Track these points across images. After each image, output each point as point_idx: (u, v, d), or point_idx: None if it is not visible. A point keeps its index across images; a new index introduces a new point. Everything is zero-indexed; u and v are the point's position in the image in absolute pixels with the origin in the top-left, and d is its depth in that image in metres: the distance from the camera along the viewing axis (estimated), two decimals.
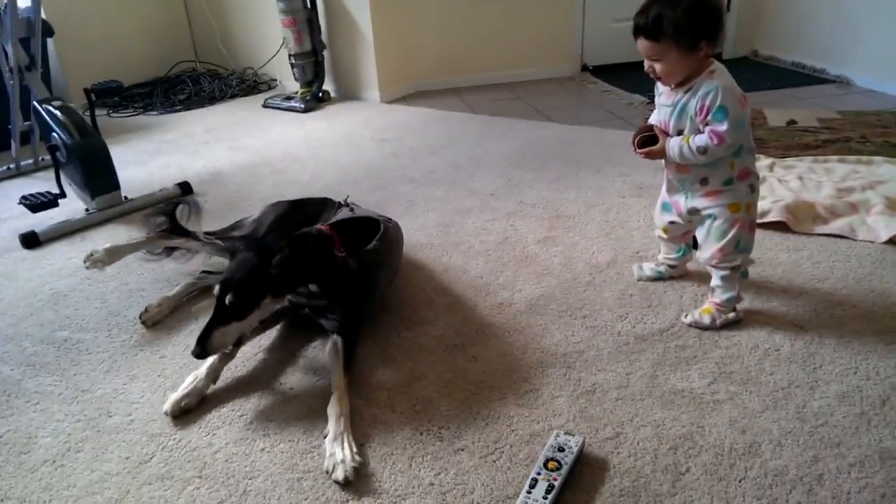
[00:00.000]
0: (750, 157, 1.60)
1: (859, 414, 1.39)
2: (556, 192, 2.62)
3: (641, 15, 1.48)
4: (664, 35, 1.45)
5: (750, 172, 1.60)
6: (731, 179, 1.58)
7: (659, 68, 1.51)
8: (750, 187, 1.60)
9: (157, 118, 4.09)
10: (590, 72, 4.64)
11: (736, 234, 1.61)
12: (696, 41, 1.44)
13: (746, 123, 1.51)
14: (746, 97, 1.51)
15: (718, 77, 1.49)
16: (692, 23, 1.43)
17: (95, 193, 2.56)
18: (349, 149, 3.31)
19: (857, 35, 3.94)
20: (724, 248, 1.62)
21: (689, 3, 1.43)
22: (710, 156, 1.52)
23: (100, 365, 1.70)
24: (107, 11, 4.44)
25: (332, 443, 1.35)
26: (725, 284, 1.68)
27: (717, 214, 1.62)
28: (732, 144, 1.50)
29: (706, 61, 1.51)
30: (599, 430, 1.39)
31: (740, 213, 1.60)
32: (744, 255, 1.64)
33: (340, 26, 4.12)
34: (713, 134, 1.49)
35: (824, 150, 2.86)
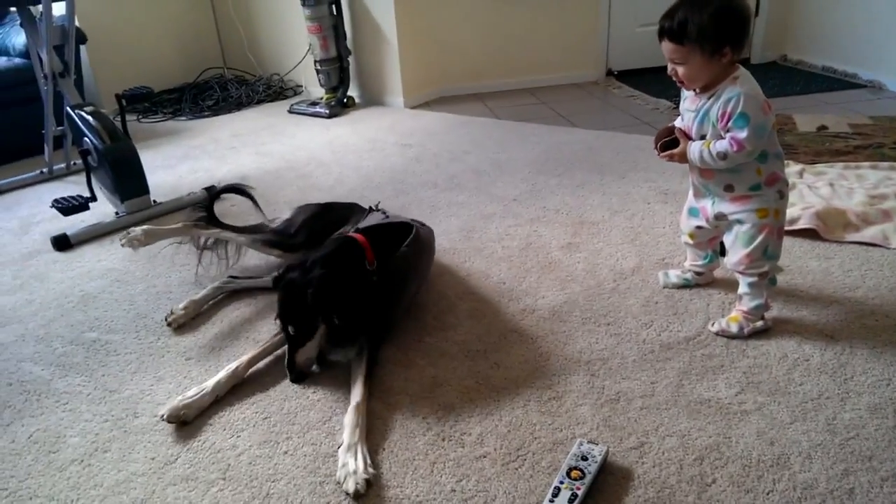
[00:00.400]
0: (778, 163, 1.57)
1: (892, 427, 1.36)
2: (579, 197, 2.61)
3: (667, 17, 1.47)
4: (688, 39, 1.44)
5: (779, 178, 1.57)
6: (758, 185, 1.56)
7: (682, 72, 1.50)
8: (779, 193, 1.58)
9: (186, 123, 4.16)
10: (615, 77, 4.61)
11: (764, 239, 1.58)
12: (720, 46, 1.43)
13: (768, 130, 1.49)
14: (770, 104, 1.49)
15: (741, 84, 1.47)
16: (717, 28, 1.42)
17: (125, 197, 2.61)
18: (373, 154, 3.33)
19: (890, 38, 3.86)
20: (752, 253, 1.60)
21: (716, 7, 1.42)
22: (731, 162, 1.51)
23: (127, 366, 1.73)
24: (137, 19, 4.53)
25: (346, 453, 1.34)
26: (753, 292, 1.65)
27: (745, 219, 1.60)
28: (752, 151, 1.49)
29: (731, 67, 1.49)
30: (624, 439, 1.37)
31: (768, 219, 1.57)
32: (772, 261, 1.62)
33: (365, 33, 4.15)
34: (733, 140, 1.47)
35: (856, 157, 2.80)
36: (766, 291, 1.65)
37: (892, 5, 3.80)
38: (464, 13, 4.30)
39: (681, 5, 1.46)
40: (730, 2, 1.44)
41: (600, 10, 4.45)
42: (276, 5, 4.58)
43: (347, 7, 4.11)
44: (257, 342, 1.78)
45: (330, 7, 3.97)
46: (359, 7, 4.11)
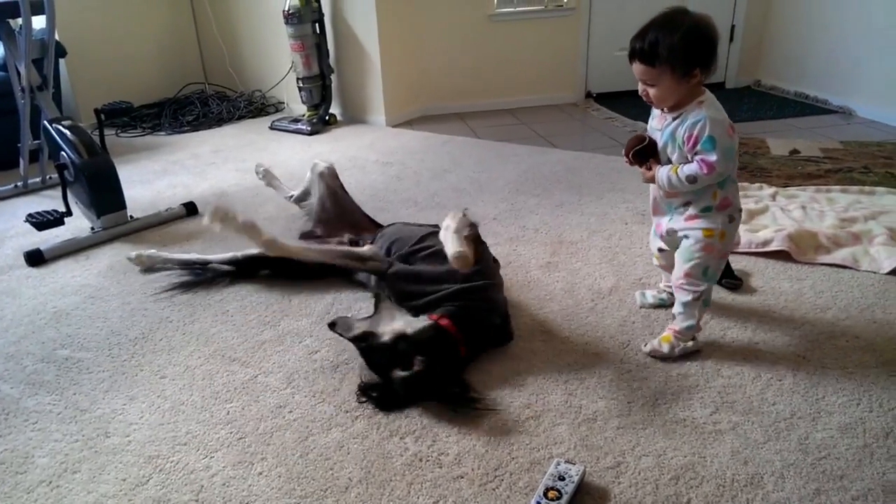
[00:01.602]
0: (733, 188, 1.60)
1: (862, 446, 1.38)
2: (558, 217, 2.63)
3: (638, 39, 1.49)
4: (659, 60, 1.46)
5: (730, 204, 1.60)
6: (710, 207, 1.59)
7: (652, 93, 1.52)
8: (729, 217, 1.60)
9: (166, 139, 4.13)
10: (593, 99, 4.69)
11: (704, 258, 1.61)
12: (690, 68, 1.46)
13: (734, 153, 1.52)
14: (734, 128, 1.52)
15: (707, 108, 1.50)
16: (687, 50, 1.44)
17: (101, 212, 2.58)
18: (354, 171, 3.34)
19: (860, 66, 3.98)
20: (691, 271, 1.63)
21: (686, 30, 1.44)
22: (700, 184, 1.53)
23: (99, 384, 1.69)
24: (119, 34, 4.51)
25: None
26: (686, 311, 1.67)
27: (690, 235, 1.63)
28: (723, 173, 1.51)
29: (697, 89, 1.52)
30: (600, 458, 1.38)
31: (712, 239, 1.60)
32: (709, 283, 1.65)
33: (348, 51, 4.18)
34: (703, 163, 1.49)
35: (827, 180, 2.87)
36: (698, 312, 1.67)
37: (863, 34, 3.93)
38: (446, 34, 4.36)
39: (651, 27, 1.48)
40: (699, 24, 1.46)
41: (580, 33, 4.54)
42: (258, 22, 4.59)
43: (331, 26, 4.14)
44: (233, 360, 1.76)
45: (313, 25, 3.99)
46: (342, 26, 4.14)
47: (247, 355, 1.79)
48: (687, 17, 1.47)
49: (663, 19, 1.48)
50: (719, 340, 1.77)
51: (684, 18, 1.46)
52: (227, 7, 4.73)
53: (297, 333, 1.88)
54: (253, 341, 1.85)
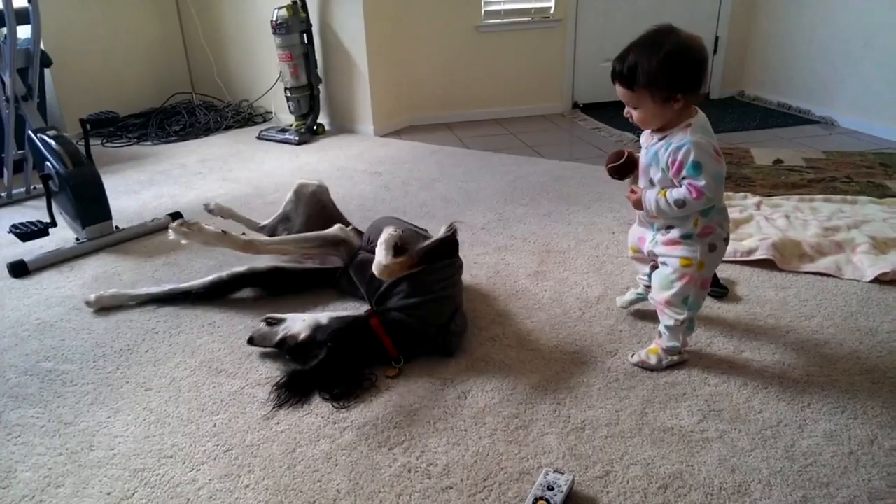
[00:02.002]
0: (719, 217, 1.55)
1: (848, 453, 1.39)
2: (546, 226, 2.65)
3: (619, 60, 1.44)
4: (638, 84, 1.41)
5: (713, 232, 1.54)
6: (691, 235, 1.55)
7: (636, 115, 1.49)
8: (710, 246, 1.55)
9: (152, 148, 4.11)
10: (580, 109, 4.73)
11: (684, 288, 1.58)
12: (671, 93, 1.41)
13: (722, 178, 1.46)
14: (721, 153, 1.47)
15: (692, 132, 1.44)
16: (668, 75, 1.38)
17: (87, 223, 2.56)
18: (342, 181, 3.33)
19: (841, 77, 4.05)
20: (671, 300, 1.60)
21: (666, 52, 1.37)
22: (689, 209, 1.48)
23: (84, 397, 1.67)
24: (105, 44, 4.49)
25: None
26: (670, 334, 1.66)
27: (669, 264, 1.60)
28: (712, 199, 1.46)
29: (687, 110, 1.47)
30: (589, 468, 1.38)
31: (690, 269, 1.56)
32: (691, 312, 1.62)
33: (336, 61, 4.19)
34: (692, 188, 1.44)
35: (810, 190, 2.91)
36: (682, 336, 1.67)
37: (844, 47, 4.00)
38: (434, 44, 4.38)
39: (632, 48, 1.42)
40: (682, 47, 1.39)
41: (566, 44, 4.58)
42: (246, 32, 4.59)
43: (318, 36, 4.15)
44: (219, 371, 1.75)
45: (301, 36, 4.00)
46: (330, 36, 4.15)
47: (233, 366, 1.78)
48: (671, 37, 1.40)
49: (645, 40, 1.42)
50: (706, 349, 1.78)
51: (667, 39, 1.39)
52: (215, 17, 4.73)
53: None
54: (240, 352, 1.84)
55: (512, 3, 4.42)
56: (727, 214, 1.60)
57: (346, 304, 2.08)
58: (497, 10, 4.41)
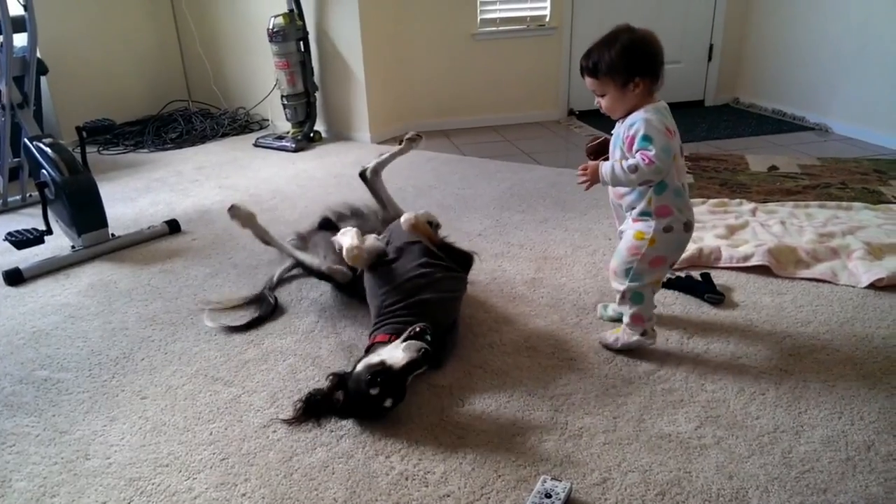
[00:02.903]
0: (675, 200, 1.64)
1: (845, 459, 1.39)
2: (543, 233, 2.65)
3: (585, 57, 1.64)
4: (601, 73, 1.60)
5: (669, 213, 1.64)
6: (648, 213, 1.65)
7: (604, 104, 1.65)
8: (665, 227, 1.64)
9: (148, 156, 4.11)
10: (576, 116, 4.74)
11: (629, 259, 1.69)
12: (630, 77, 1.57)
13: (673, 153, 1.57)
14: (673, 131, 1.59)
15: (645, 111, 1.58)
16: (624, 61, 1.57)
17: (82, 231, 2.55)
18: (339, 188, 3.34)
19: (836, 84, 4.07)
20: (616, 267, 1.73)
21: (621, 45, 1.57)
22: (640, 176, 1.57)
23: (79, 406, 1.66)
24: (101, 51, 4.50)
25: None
26: (620, 305, 1.77)
27: (625, 235, 1.72)
28: (661, 169, 1.55)
29: (648, 98, 1.61)
30: (587, 475, 1.38)
31: (641, 242, 1.66)
32: (631, 283, 1.70)
33: (333, 69, 4.20)
34: (643, 155, 1.55)
35: (805, 196, 2.93)
36: (631, 308, 1.73)
37: (838, 54, 4.03)
38: (430, 52, 4.39)
39: (595, 45, 1.62)
40: (633, 39, 1.57)
41: (561, 52, 4.60)
42: (242, 40, 4.60)
43: (315, 43, 4.16)
44: (216, 379, 1.74)
45: (298, 43, 4.01)
46: (327, 44, 4.16)
47: (230, 374, 1.77)
48: (626, 33, 1.59)
49: (605, 37, 1.61)
50: (703, 355, 1.79)
51: (623, 35, 1.59)
52: (211, 25, 4.74)
53: (281, 352, 1.87)
54: (236, 360, 1.84)
55: (508, 11, 4.45)
56: (687, 201, 1.68)
57: (341, 310, 2.08)
58: (493, 18, 4.43)
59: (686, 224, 1.67)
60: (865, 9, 3.81)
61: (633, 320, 1.75)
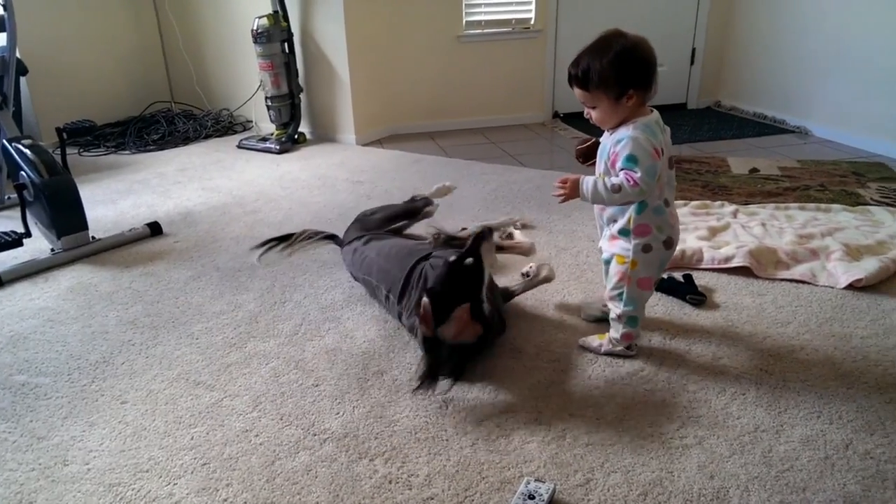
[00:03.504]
0: (655, 218, 1.61)
1: (823, 458, 1.41)
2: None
3: (574, 65, 1.55)
4: (592, 84, 1.52)
5: (648, 232, 1.61)
6: (627, 231, 1.63)
7: (594, 115, 1.59)
8: (643, 246, 1.63)
9: (130, 157, 4.07)
10: (560, 118, 4.77)
11: (618, 284, 1.69)
12: (623, 90, 1.50)
13: (657, 174, 1.52)
14: (660, 152, 1.52)
15: (634, 128, 1.52)
16: (618, 73, 1.49)
17: (62, 233, 2.52)
18: (323, 190, 3.33)
19: (815, 88, 4.13)
20: (610, 294, 1.73)
21: (614, 54, 1.48)
22: (623, 196, 1.54)
23: (58, 411, 1.64)
24: (83, 52, 4.44)
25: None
26: (613, 325, 1.77)
27: (609, 260, 1.71)
28: (645, 191, 1.52)
29: (640, 109, 1.55)
30: (570, 476, 1.38)
31: (624, 267, 1.66)
32: (626, 308, 1.70)
33: (318, 70, 4.19)
34: (628, 176, 1.51)
35: (785, 198, 2.96)
36: (624, 329, 1.74)
37: (817, 58, 4.09)
38: (415, 54, 4.40)
39: (585, 53, 1.53)
40: (627, 47, 1.49)
41: (546, 54, 4.62)
42: (226, 41, 4.57)
43: (300, 45, 4.14)
44: (197, 383, 1.73)
45: (282, 45, 3.99)
46: (311, 45, 4.14)
47: (212, 378, 1.76)
48: (619, 40, 1.50)
49: (596, 44, 1.53)
50: (685, 355, 1.80)
51: (615, 42, 1.50)
52: (195, 25, 4.70)
53: (263, 355, 1.86)
54: (218, 364, 1.82)
55: (493, 13, 4.46)
56: (669, 219, 1.64)
57: (324, 313, 2.07)
58: (478, 21, 4.45)
59: (666, 241, 1.64)
60: (843, 15, 3.87)
61: (624, 338, 1.75)
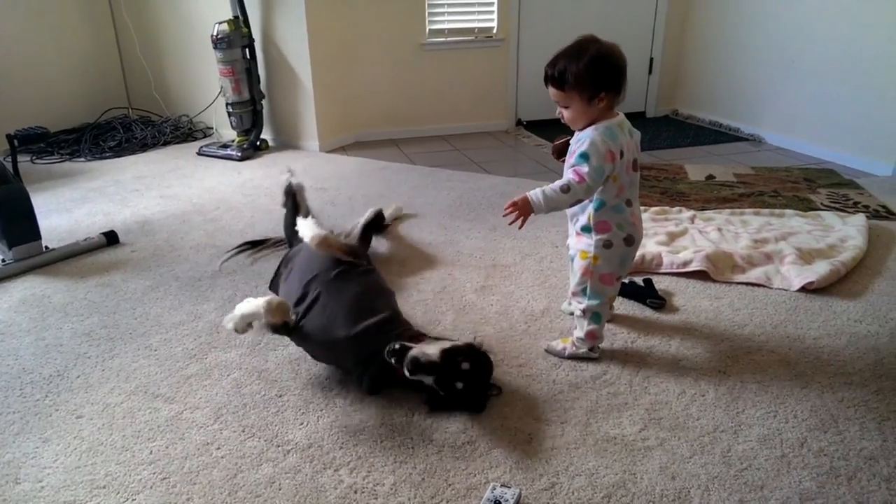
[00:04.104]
0: (614, 216, 1.68)
1: (780, 456, 1.45)
2: (492, 241, 2.68)
3: (550, 66, 1.62)
4: (568, 84, 1.58)
5: (609, 229, 1.68)
6: (588, 228, 1.70)
7: (566, 115, 1.65)
8: (605, 244, 1.69)
9: (85, 165, 3.95)
10: (524, 126, 4.82)
11: (582, 279, 1.74)
12: (596, 92, 1.57)
13: (605, 175, 1.59)
14: (614, 154, 1.59)
15: (595, 129, 1.60)
16: (592, 75, 1.55)
17: (13, 243, 2.43)
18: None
19: (768, 97, 4.27)
20: (575, 289, 1.78)
21: (590, 57, 1.55)
22: (573, 195, 1.59)
23: (9, 427, 1.58)
24: (35, 56, 4.31)
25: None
26: (577, 322, 1.81)
27: (574, 256, 1.77)
28: (592, 187, 1.59)
29: (608, 112, 1.62)
30: (535, 480, 1.39)
31: (586, 262, 1.72)
32: (590, 302, 1.75)
33: (280, 76, 4.14)
34: (575, 172, 1.58)
35: (741, 204, 3.05)
36: (588, 326, 1.78)
37: (769, 68, 4.23)
38: (379, 60, 4.39)
39: (562, 55, 1.60)
40: (604, 52, 1.57)
41: (509, 63, 4.67)
42: (185, 46, 4.49)
43: (261, 51, 4.10)
44: (156, 396, 1.69)
45: (243, 50, 3.94)
46: (273, 51, 4.10)
47: (171, 391, 1.72)
48: (594, 45, 1.58)
49: (573, 47, 1.59)
50: (646, 358, 1.83)
51: (591, 46, 1.57)
52: (153, 30, 4.61)
53: (225, 366, 1.82)
54: (178, 376, 1.78)
55: (456, 22, 4.49)
56: (629, 218, 1.70)
57: None
58: (441, 29, 4.47)
59: (627, 238, 1.70)
60: (793, 26, 4.01)
61: (588, 336, 1.79)
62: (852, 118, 3.70)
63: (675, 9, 4.84)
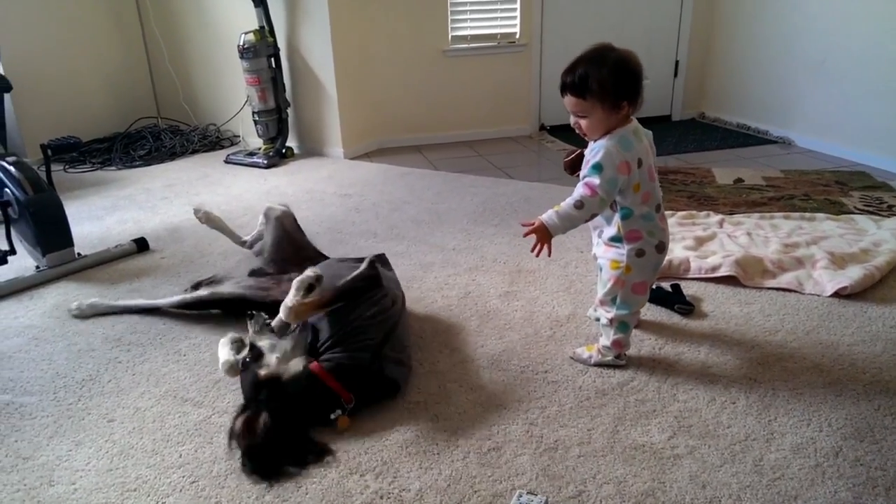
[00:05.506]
0: (644, 224, 1.64)
1: (814, 466, 1.42)
2: (516, 247, 2.67)
3: (569, 73, 1.56)
4: (590, 93, 1.53)
5: (640, 237, 1.65)
6: (618, 238, 1.66)
7: (584, 124, 1.59)
8: (637, 251, 1.65)
9: (116, 174, 4.04)
10: (547, 131, 4.80)
11: (612, 289, 1.71)
12: (618, 100, 1.53)
13: (618, 186, 1.56)
14: (630, 165, 1.56)
15: (611, 138, 1.56)
16: (616, 83, 1.51)
17: (47, 250, 2.49)
18: (311, 204, 3.32)
19: (797, 99, 4.20)
20: (603, 298, 1.75)
21: (613, 64, 1.51)
22: (588, 209, 1.57)
23: (43, 430, 1.62)
24: (67, 68, 4.42)
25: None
26: (604, 331, 1.78)
27: (603, 266, 1.73)
28: (605, 200, 1.56)
29: (625, 120, 1.59)
30: (562, 488, 1.38)
31: (618, 272, 1.68)
32: (620, 311, 1.72)
33: (305, 85, 4.19)
34: (587, 186, 1.56)
35: (770, 207, 3.00)
36: (615, 335, 1.75)
37: (798, 69, 4.16)
38: (402, 67, 4.42)
39: (580, 61, 1.55)
40: (624, 59, 1.53)
41: (532, 68, 4.66)
42: (212, 56, 4.57)
43: (286, 60, 4.15)
44: (185, 400, 1.71)
45: (269, 60, 4.00)
46: (298, 60, 4.15)
47: (200, 395, 1.74)
48: (613, 52, 1.54)
49: (592, 54, 1.55)
50: (675, 365, 1.81)
51: (610, 54, 1.54)
52: (181, 41, 4.70)
53: None
54: (206, 380, 1.80)
55: (478, 28, 4.50)
56: (659, 225, 1.67)
57: None
58: (464, 35, 4.48)
59: (658, 245, 1.67)
60: (824, 26, 3.94)
61: (614, 345, 1.76)
62: (885, 119, 3.62)
63: (700, 10, 4.79)
